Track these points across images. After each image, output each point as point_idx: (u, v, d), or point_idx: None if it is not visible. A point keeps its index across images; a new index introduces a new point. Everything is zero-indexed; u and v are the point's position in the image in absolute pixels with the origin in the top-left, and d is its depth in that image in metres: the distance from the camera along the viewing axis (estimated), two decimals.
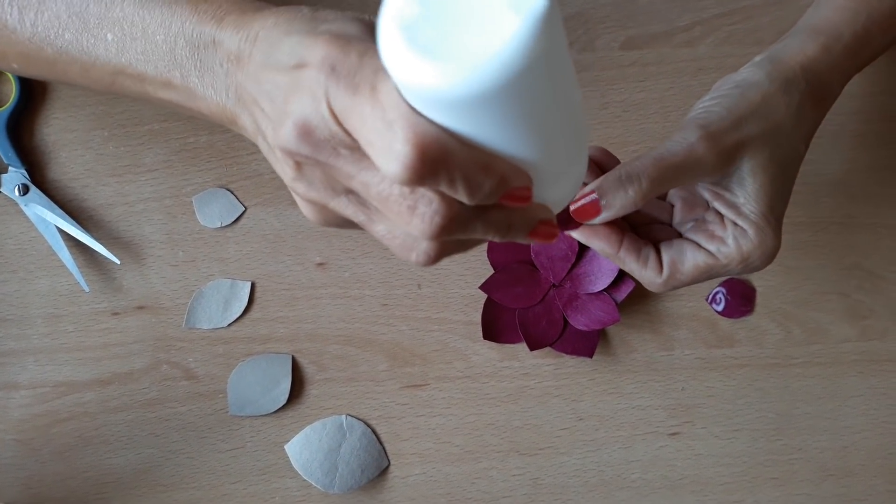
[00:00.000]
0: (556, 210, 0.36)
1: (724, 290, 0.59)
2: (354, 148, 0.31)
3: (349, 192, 0.33)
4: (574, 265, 0.58)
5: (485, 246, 0.59)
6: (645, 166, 0.41)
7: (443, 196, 0.30)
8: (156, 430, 0.58)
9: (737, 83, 0.44)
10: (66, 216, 0.58)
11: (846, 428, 0.58)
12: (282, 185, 0.59)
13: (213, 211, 0.59)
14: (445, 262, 0.59)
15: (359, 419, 0.58)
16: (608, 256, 0.45)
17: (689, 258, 0.44)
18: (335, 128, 0.30)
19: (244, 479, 0.57)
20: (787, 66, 0.44)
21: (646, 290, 0.59)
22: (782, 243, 0.46)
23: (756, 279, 0.59)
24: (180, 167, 0.60)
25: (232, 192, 0.59)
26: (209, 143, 0.59)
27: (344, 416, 0.58)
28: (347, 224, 0.35)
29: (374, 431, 0.58)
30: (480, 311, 0.58)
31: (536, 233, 0.34)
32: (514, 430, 0.58)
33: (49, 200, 0.58)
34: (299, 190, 0.33)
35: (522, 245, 0.58)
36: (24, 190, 0.58)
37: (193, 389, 0.58)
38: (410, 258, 0.33)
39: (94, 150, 0.60)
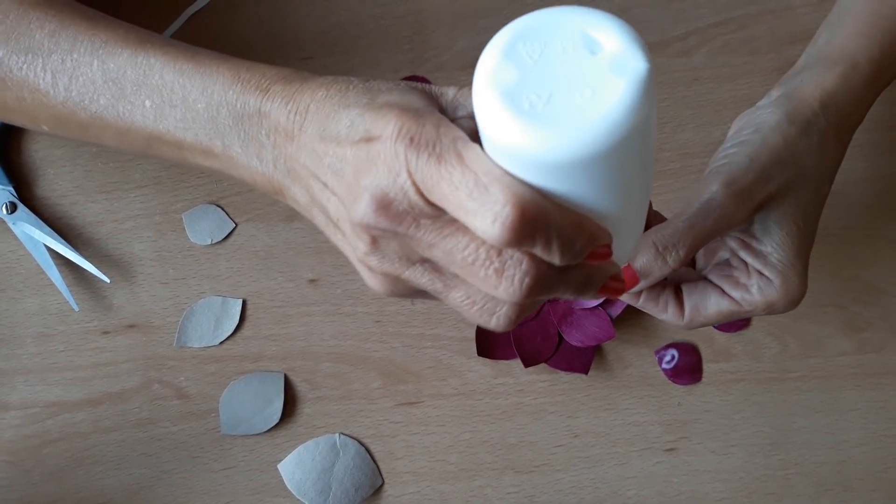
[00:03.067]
0: (621, 265, 0.37)
1: None
2: (436, 217, 0.30)
3: (424, 262, 0.32)
4: None
5: None
6: (679, 234, 0.42)
7: (532, 257, 0.30)
8: (148, 449, 0.57)
9: (757, 127, 0.44)
10: (55, 234, 0.58)
11: (844, 442, 0.58)
12: (273, 201, 0.59)
13: (204, 227, 0.59)
14: None
15: (352, 437, 0.57)
16: (630, 302, 0.47)
17: (712, 304, 0.45)
18: (416, 199, 0.30)
19: (237, 499, 0.57)
20: (806, 104, 0.44)
21: None
22: None
23: None
24: (170, 183, 0.59)
25: (222, 209, 0.59)
26: None
27: (337, 435, 0.57)
28: (418, 294, 0.34)
29: (367, 450, 0.57)
30: (474, 327, 0.57)
31: (607, 288, 0.34)
32: (509, 448, 0.58)
33: (37, 218, 0.58)
34: (372, 264, 0.32)
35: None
36: (12, 208, 0.58)
37: (185, 409, 0.58)
38: (489, 323, 0.33)
39: (82, 166, 0.59)
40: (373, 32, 0.62)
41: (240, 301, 0.58)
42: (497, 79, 0.28)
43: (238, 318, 0.58)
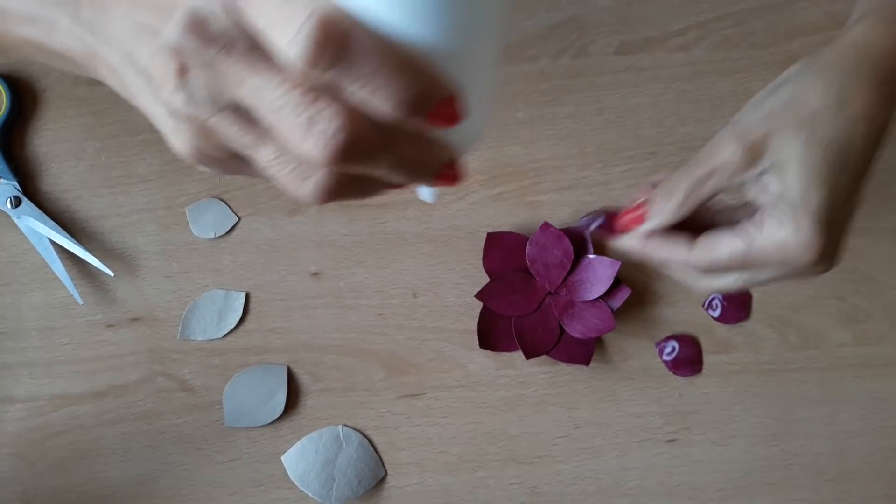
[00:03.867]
0: (466, 146, 0.33)
1: (720, 296, 0.59)
2: (250, 47, 0.28)
3: (236, 109, 0.29)
4: (570, 273, 0.57)
5: (480, 254, 0.58)
6: (680, 176, 0.42)
7: (348, 111, 0.27)
8: (152, 442, 0.58)
9: (774, 82, 0.43)
10: (59, 228, 0.58)
11: (843, 433, 0.58)
12: (276, 195, 0.59)
13: (207, 221, 0.59)
14: (441, 270, 0.59)
15: (355, 429, 0.58)
16: (636, 247, 0.45)
17: (724, 242, 0.42)
18: (230, 19, 0.28)
19: (241, 491, 0.57)
20: (826, 52, 0.42)
21: (642, 296, 0.59)
22: None
23: None
24: (173, 178, 0.59)
25: (225, 203, 0.59)
26: None
27: (340, 427, 0.58)
28: (227, 155, 0.31)
29: (370, 441, 0.58)
30: (476, 319, 0.58)
31: (442, 176, 0.31)
32: (511, 439, 0.58)
33: (41, 212, 0.58)
34: (177, 102, 0.29)
35: (518, 253, 0.58)
36: (16, 202, 0.58)
37: (189, 401, 0.58)
38: (300, 190, 0.29)
39: (86, 160, 0.59)
40: None
41: (243, 294, 0.59)
42: None
43: (241, 311, 0.58)
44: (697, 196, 0.42)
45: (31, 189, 0.59)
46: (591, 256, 0.57)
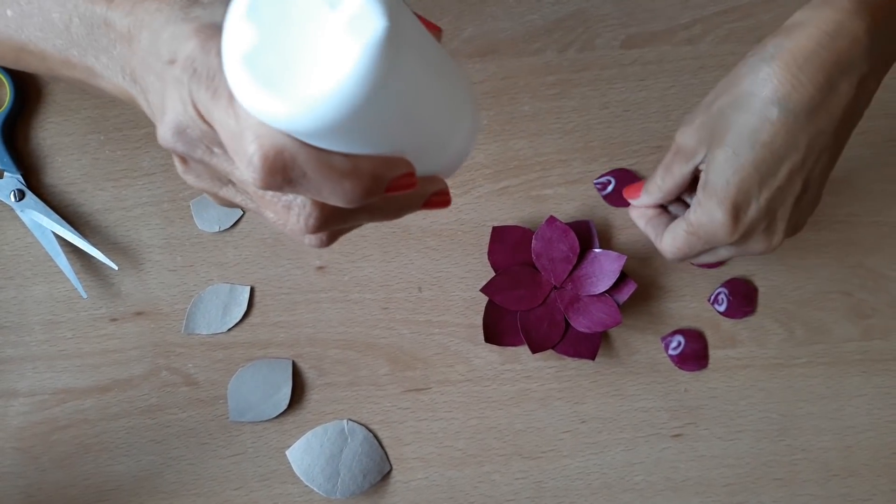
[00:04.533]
0: (454, 168, 0.36)
1: (726, 291, 0.58)
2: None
3: (236, 183, 0.33)
4: (575, 267, 0.57)
5: (485, 248, 0.58)
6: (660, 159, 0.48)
7: (314, 200, 0.31)
8: (156, 436, 0.57)
9: (733, 72, 0.45)
10: (63, 221, 0.58)
11: (850, 428, 0.58)
12: None
13: (211, 215, 0.59)
14: (446, 264, 0.59)
15: (360, 424, 0.58)
16: (637, 220, 0.51)
17: (678, 227, 0.47)
18: (204, 127, 0.30)
19: (245, 486, 0.57)
20: (768, 37, 0.43)
21: (648, 290, 0.59)
22: (785, 242, 0.46)
23: (758, 279, 0.59)
24: (178, 171, 0.59)
25: None
26: None
27: (345, 421, 0.57)
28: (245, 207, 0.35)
29: (375, 436, 0.58)
30: (482, 313, 0.58)
31: (430, 203, 0.35)
32: (516, 434, 0.58)
33: (45, 206, 0.58)
34: (189, 182, 0.34)
35: (524, 247, 0.58)
36: (20, 195, 0.58)
37: (193, 395, 0.58)
38: (304, 243, 0.34)
39: (90, 154, 0.59)
40: None
41: (248, 288, 0.58)
42: (240, 40, 0.27)
43: (246, 305, 0.58)
44: (671, 177, 0.47)
45: (34, 182, 0.59)
46: (597, 251, 0.57)
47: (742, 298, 0.59)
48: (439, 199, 0.35)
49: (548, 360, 0.58)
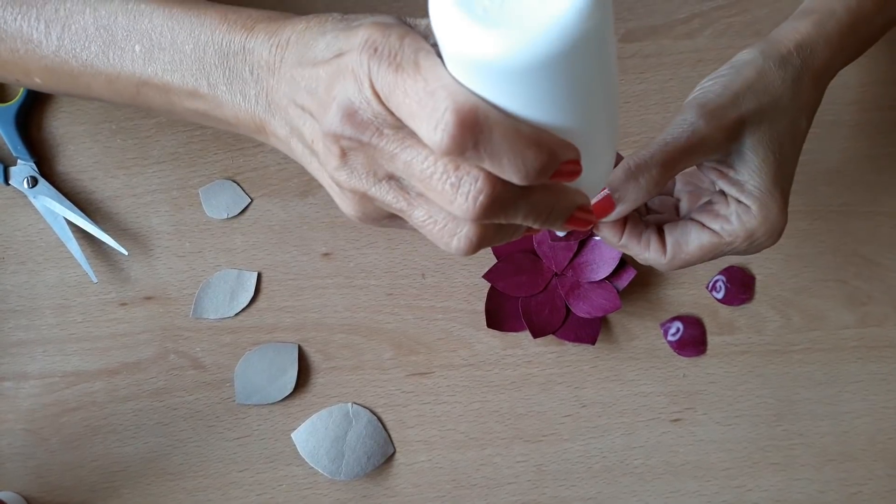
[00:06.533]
0: (593, 191, 0.36)
1: (723, 278, 0.60)
2: (398, 127, 0.31)
3: (391, 179, 0.33)
4: (576, 254, 0.58)
5: None
6: (652, 154, 0.42)
7: (488, 174, 0.30)
8: (164, 418, 0.58)
9: (732, 64, 0.45)
10: (75, 208, 0.59)
11: (846, 413, 0.59)
12: (287, 177, 0.60)
13: (220, 202, 0.60)
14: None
15: (365, 407, 0.59)
16: (611, 244, 0.46)
17: (693, 238, 0.44)
18: (378, 108, 0.31)
19: (251, 467, 0.58)
20: (782, 45, 0.45)
21: (647, 278, 0.60)
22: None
23: (755, 267, 0.60)
24: (187, 159, 0.60)
25: (238, 184, 0.60)
26: (216, 136, 0.60)
27: (350, 404, 0.58)
28: (386, 216, 0.35)
29: (379, 419, 0.59)
30: (484, 299, 0.59)
31: (574, 219, 0.34)
32: (517, 417, 0.59)
33: (57, 192, 0.59)
34: (342, 179, 0.33)
35: (525, 234, 0.59)
36: (33, 182, 0.59)
37: (201, 379, 0.59)
38: (451, 245, 0.33)
39: (101, 142, 0.60)
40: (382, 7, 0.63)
41: (255, 274, 0.60)
42: None
43: (253, 290, 0.59)
44: (671, 172, 0.42)
45: (47, 170, 0.60)
46: (597, 238, 0.58)
47: (740, 286, 0.60)
48: (583, 215, 0.35)
49: (549, 346, 0.59)
